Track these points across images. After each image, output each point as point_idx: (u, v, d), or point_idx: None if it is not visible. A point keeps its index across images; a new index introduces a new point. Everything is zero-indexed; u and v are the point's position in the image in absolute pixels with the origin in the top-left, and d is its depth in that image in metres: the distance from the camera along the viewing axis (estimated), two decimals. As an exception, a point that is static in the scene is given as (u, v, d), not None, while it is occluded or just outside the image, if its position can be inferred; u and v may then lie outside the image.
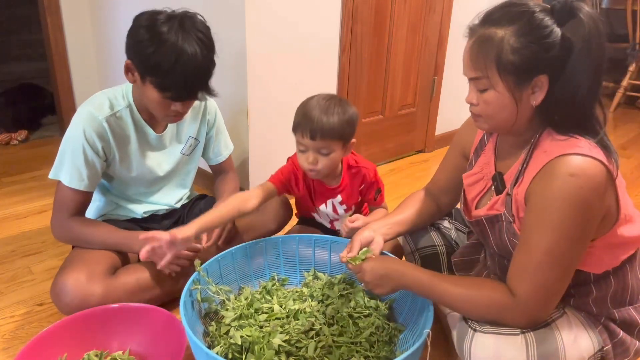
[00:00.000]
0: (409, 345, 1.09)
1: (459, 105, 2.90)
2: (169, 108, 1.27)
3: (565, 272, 0.89)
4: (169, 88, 1.22)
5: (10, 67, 3.50)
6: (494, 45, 0.88)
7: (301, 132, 1.26)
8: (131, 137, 1.38)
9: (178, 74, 1.19)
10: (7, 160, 2.50)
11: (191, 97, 1.28)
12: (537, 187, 0.89)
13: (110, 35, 2.54)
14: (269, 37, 1.85)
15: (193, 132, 1.53)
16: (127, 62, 1.25)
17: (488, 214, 1.03)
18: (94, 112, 1.30)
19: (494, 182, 1.04)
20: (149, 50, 1.18)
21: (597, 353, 0.96)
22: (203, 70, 1.23)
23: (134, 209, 1.49)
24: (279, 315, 1.20)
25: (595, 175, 0.84)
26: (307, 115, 1.25)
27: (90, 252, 1.32)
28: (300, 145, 1.29)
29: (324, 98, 1.29)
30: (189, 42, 1.18)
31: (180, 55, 1.17)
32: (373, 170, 1.42)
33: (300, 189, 1.43)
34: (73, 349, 1.15)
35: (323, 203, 1.45)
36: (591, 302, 0.99)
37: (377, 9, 2.21)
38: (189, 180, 1.60)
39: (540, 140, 0.94)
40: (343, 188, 1.41)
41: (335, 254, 1.39)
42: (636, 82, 3.91)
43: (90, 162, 1.30)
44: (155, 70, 1.19)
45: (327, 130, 1.24)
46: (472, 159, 1.15)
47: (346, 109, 1.27)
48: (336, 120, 1.24)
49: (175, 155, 1.50)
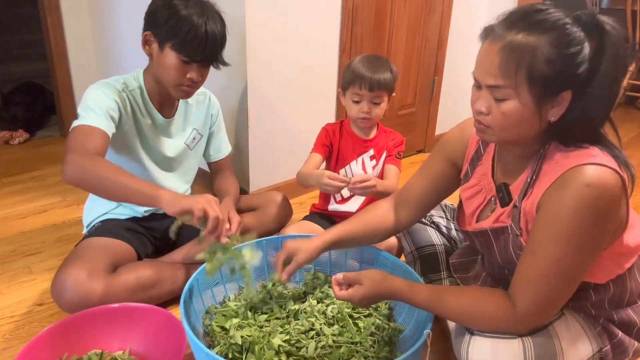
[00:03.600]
0: (409, 345, 1.09)
1: (459, 105, 2.90)
2: (185, 75, 1.32)
3: (571, 284, 0.88)
4: (189, 47, 1.27)
5: (10, 67, 3.49)
6: (527, 53, 0.81)
7: (359, 85, 1.47)
8: (139, 116, 1.41)
9: (198, 33, 1.26)
10: (7, 160, 2.50)
11: (208, 60, 1.33)
12: (551, 197, 0.85)
13: (110, 34, 2.54)
14: (269, 37, 1.85)
15: (198, 124, 1.56)
16: (145, 34, 1.32)
17: (493, 226, 1.00)
18: (110, 81, 1.36)
19: (499, 193, 1.00)
20: (170, 14, 1.26)
21: (596, 354, 0.96)
22: (220, 35, 1.32)
23: (135, 207, 1.49)
24: (278, 315, 1.20)
25: (612, 186, 0.82)
26: (363, 71, 1.47)
27: (91, 249, 1.33)
28: (356, 96, 1.50)
29: (373, 57, 1.51)
30: (207, 12, 1.29)
31: (200, 18, 1.27)
32: (402, 137, 1.64)
33: (338, 144, 1.61)
34: (73, 349, 1.15)
35: (354, 160, 1.59)
36: (589, 306, 0.98)
37: (377, 10, 2.21)
38: (190, 176, 1.61)
39: (548, 151, 0.91)
40: (376, 143, 1.61)
41: (336, 253, 1.39)
42: (636, 82, 3.91)
43: (111, 105, 1.30)
44: (177, 32, 1.26)
45: (382, 83, 1.47)
46: (468, 170, 1.10)
47: (392, 67, 1.52)
48: (389, 76, 1.49)
49: (179, 145, 1.53)
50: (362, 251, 1.35)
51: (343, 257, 1.39)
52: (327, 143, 1.59)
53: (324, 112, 2.14)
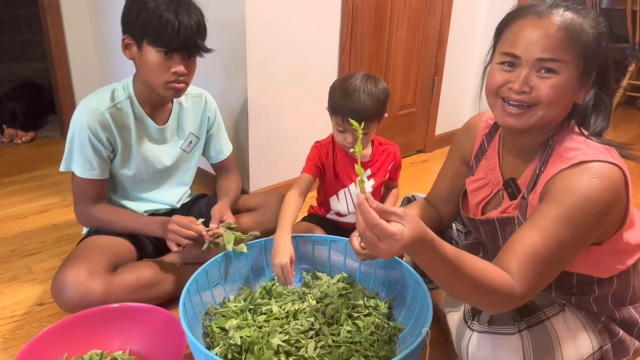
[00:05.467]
0: (409, 344, 1.09)
1: (459, 105, 2.90)
2: (169, 70, 1.29)
3: (562, 267, 0.89)
4: (163, 36, 1.24)
5: (10, 67, 3.50)
6: (580, 30, 0.86)
7: (342, 117, 1.35)
8: (131, 128, 1.40)
9: (170, 20, 1.23)
10: (7, 160, 2.50)
11: (187, 47, 1.29)
12: (560, 182, 0.86)
13: (110, 34, 2.54)
14: (269, 37, 1.85)
15: (194, 128, 1.54)
16: (123, 38, 1.31)
17: (500, 216, 1.02)
18: (95, 104, 1.33)
19: (508, 188, 1.02)
20: (139, 9, 1.25)
21: (597, 352, 0.96)
22: (194, 21, 1.27)
23: (134, 208, 1.49)
24: (278, 316, 1.20)
25: (617, 180, 0.85)
26: (344, 104, 1.33)
27: (91, 249, 1.33)
28: (340, 126, 1.38)
29: (361, 81, 1.35)
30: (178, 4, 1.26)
31: (169, 4, 1.24)
32: (398, 149, 1.56)
33: (333, 166, 1.50)
34: (73, 349, 1.15)
35: (353, 181, 1.51)
36: (592, 301, 0.99)
37: (377, 9, 2.21)
38: (188, 178, 1.61)
39: (555, 144, 0.94)
40: (373, 162, 1.52)
41: (335, 253, 1.39)
42: (636, 82, 3.91)
43: (97, 151, 1.34)
44: (148, 24, 1.24)
45: (365, 115, 1.32)
46: (473, 164, 1.14)
47: (379, 91, 1.36)
48: (374, 105, 1.34)
49: (175, 151, 1.51)
50: (362, 251, 1.35)
51: (343, 257, 1.39)
52: (319, 164, 1.48)
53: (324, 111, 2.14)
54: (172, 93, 1.34)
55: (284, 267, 1.21)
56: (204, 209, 1.56)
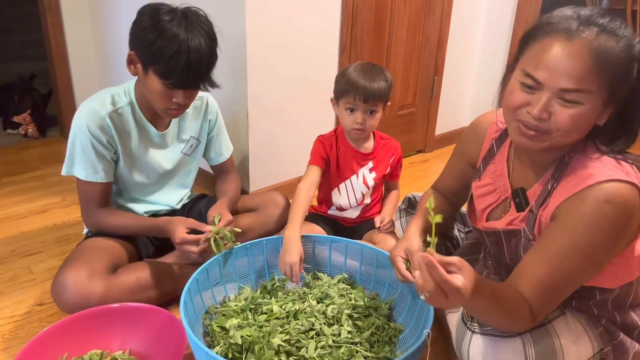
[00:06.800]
0: (409, 345, 1.09)
1: (459, 105, 2.90)
2: (170, 99, 1.28)
3: (576, 287, 0.90)
4: (172, 74, 1.22)
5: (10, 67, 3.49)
6: (610, 58, 0.79)
7: (353, 95, 1.41)
8: (132, 134, 1.39)
9: (181, 59, 1.20)
10: (7, 160, 2.50)
11: (193, 86, 1.28)
12: (570, 208, 0.85)
13: (110, 34, 2.54)
14: (269, 37, 1.85)
15: (195, 131, 1.53)
16: (129, 53, 1.27)
17: (506, 229, 1.00)
18: (96, 107, 1.31)
19: (516, 198, 1.00)
20: (152, 37, 1.20)
21: (597, 355, 0.96)
22: (206, 58, 1.25)
23: (135, 208, 1.49)
24: (278, 315, 1.20)
25: (631, 201, 0.83)
26: (358, 81, 1.40)
27: (91, 250, 1.33)
28: (350, 104, 1.43)
29: (368, 66, 1.44)
30: (192, 31, 1.21)
31: (183, 42, 1.19)
32: (399, 145, 1.60)
33: (336, 159, 1.54)
34: (73, 349, 1.15)
35: (354, 173, 1.53)
36: (593, 305, 0.99)
37: (377, 9, 2.21)
38: (189, 180, 1.61)
39: (571, 160, 0.91)
40: (375, 155, 1.55)
41: (335, 253, 1.39)
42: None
43: (101, 154, 1.33)
44: (159, 57, 1.21)
45: (377, 94, 1.40)
46: (480, 167, 1.11)
47: (387, 75, 1.45)
48: (384, 85, 1.42)
49: (176, 155, 1.51)
50: (362, 251, 1.35)
51: (343, 256, 1.39)
52: (325, 156, 1.51)
53: (324, 112, 2.14)
54: (170, 117, 1.38)
55: (293, 266, 1.22)
56: (204, 210, 1.56)
